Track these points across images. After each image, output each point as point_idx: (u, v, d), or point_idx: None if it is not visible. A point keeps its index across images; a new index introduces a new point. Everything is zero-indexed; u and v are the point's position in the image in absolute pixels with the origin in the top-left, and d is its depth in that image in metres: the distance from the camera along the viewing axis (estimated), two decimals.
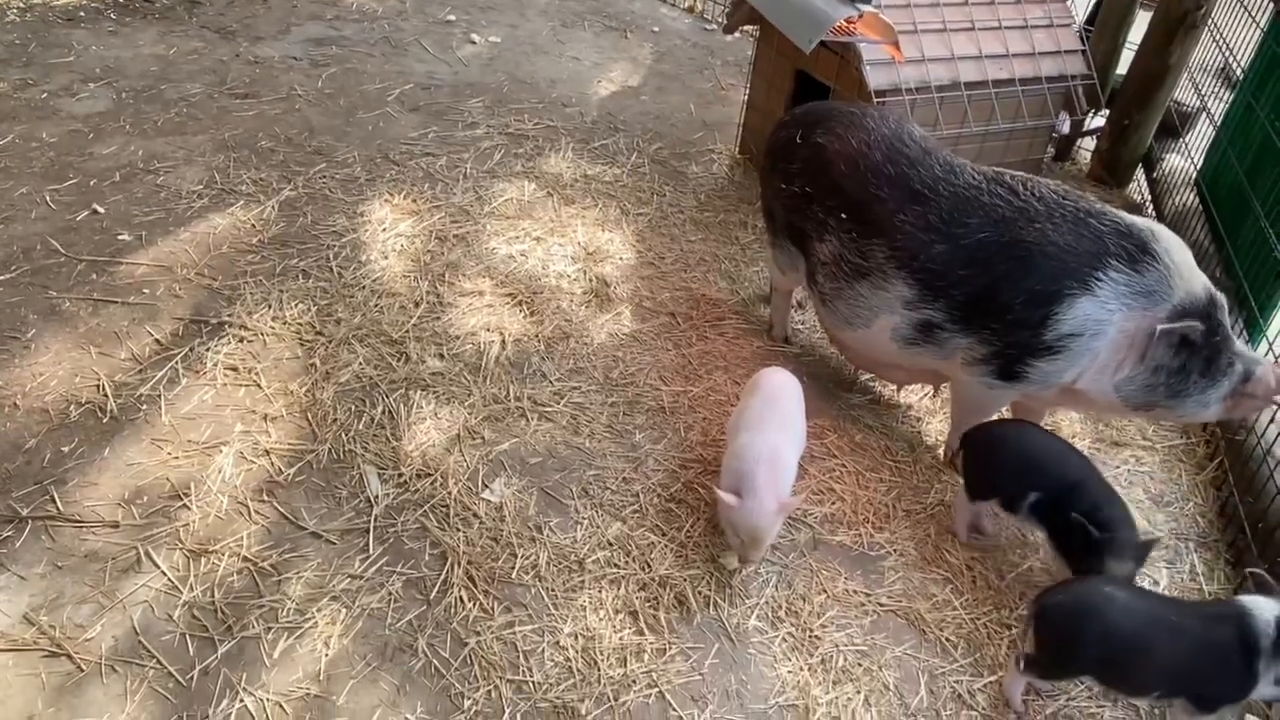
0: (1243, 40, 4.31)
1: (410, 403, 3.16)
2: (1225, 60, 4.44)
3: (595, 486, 2.95)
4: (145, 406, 3.04)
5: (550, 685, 2.39)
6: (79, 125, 4.46)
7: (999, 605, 2.74)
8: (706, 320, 3.71)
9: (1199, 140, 4.73)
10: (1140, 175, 5.06)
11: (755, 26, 4.61)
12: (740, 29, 4.64)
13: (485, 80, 5.41)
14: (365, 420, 3.08)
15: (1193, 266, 2.66)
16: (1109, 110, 5.09)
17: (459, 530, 2.76)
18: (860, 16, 3.72)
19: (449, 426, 3.09)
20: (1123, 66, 5.13)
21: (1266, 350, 3.21)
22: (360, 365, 3.28)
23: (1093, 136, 5.25)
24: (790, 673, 2.50)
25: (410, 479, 2.90)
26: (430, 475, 2.91)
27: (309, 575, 2.59)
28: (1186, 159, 4.68)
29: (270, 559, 2.62)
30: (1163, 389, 2.69)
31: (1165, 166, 4.85)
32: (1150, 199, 4.84)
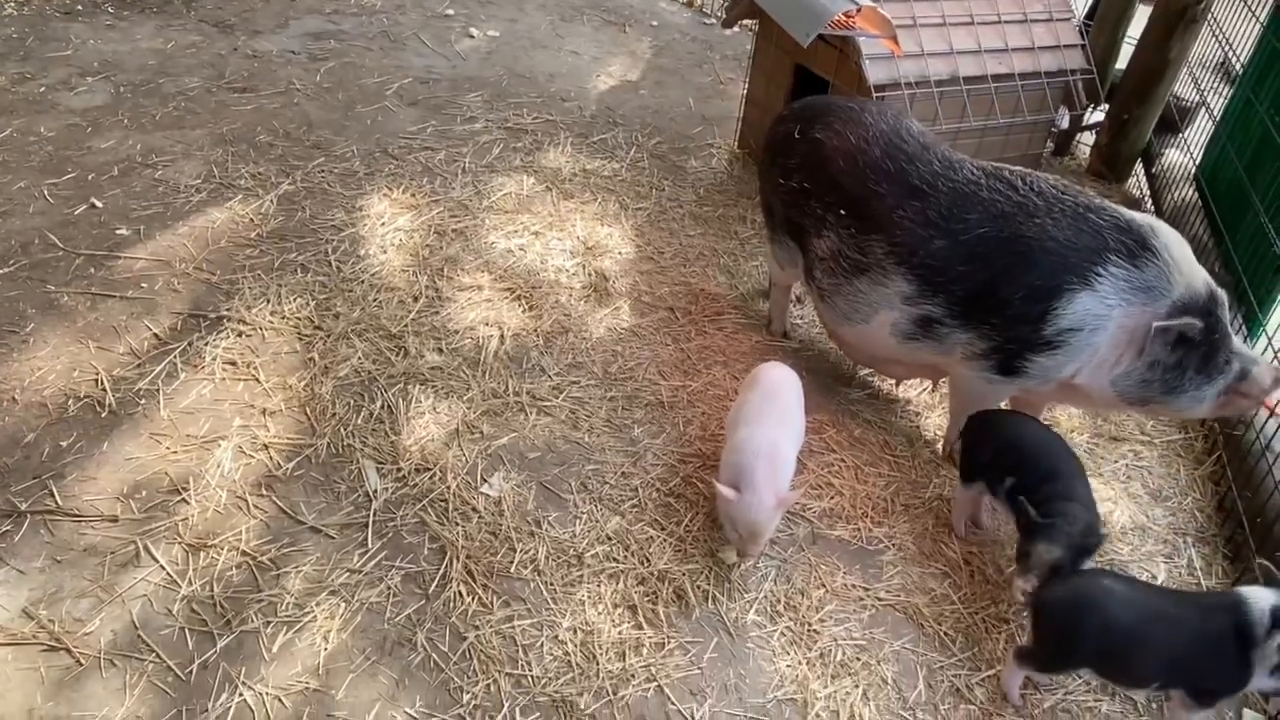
0: (1242, 35, 4.30)
1: (409, 397, 3.16)
2: (1225, 55, 4.43)
3: (594, 481, 2.95)
4: (144, 401, 3.04)
5: (549, 679, 2.40)
6: (77, 119, 4.46)
7: (997, 600, 2.75)
8: (705, 315, 3.71)
9: (1198, 135, 4.72)
10: (1139, 170, 5.06)
11: (754, 21, 4.60)
12: (739, 23, 4.64)
13: (484, 74, 5.40)
14: (364, 415, 3.08)
15: (1192, 262, 2.66)
16: (1108, 105, 5.09)
17: (458, 525, 2.76)
18: (859, 10, 3.71)
19: (448, 421, 3.09)
20: (1122, 61, 5.12)
21: (1266, 345, 3.21)
22: (359, 360, 3.28)
23: (1092, 131, 5.25)
24: (789, 667, 2.51)
25: (409, 473, 2.90)
26: (429, 470, 2.91)
27: (308, 569, 2.59)
28: (1186, 154, 4.68)
29: (269, 553, 2.62)
30: (1158, 384, 2.69)
31: (1164, 161, 4.85)
32: (1149, 194, 4.84)
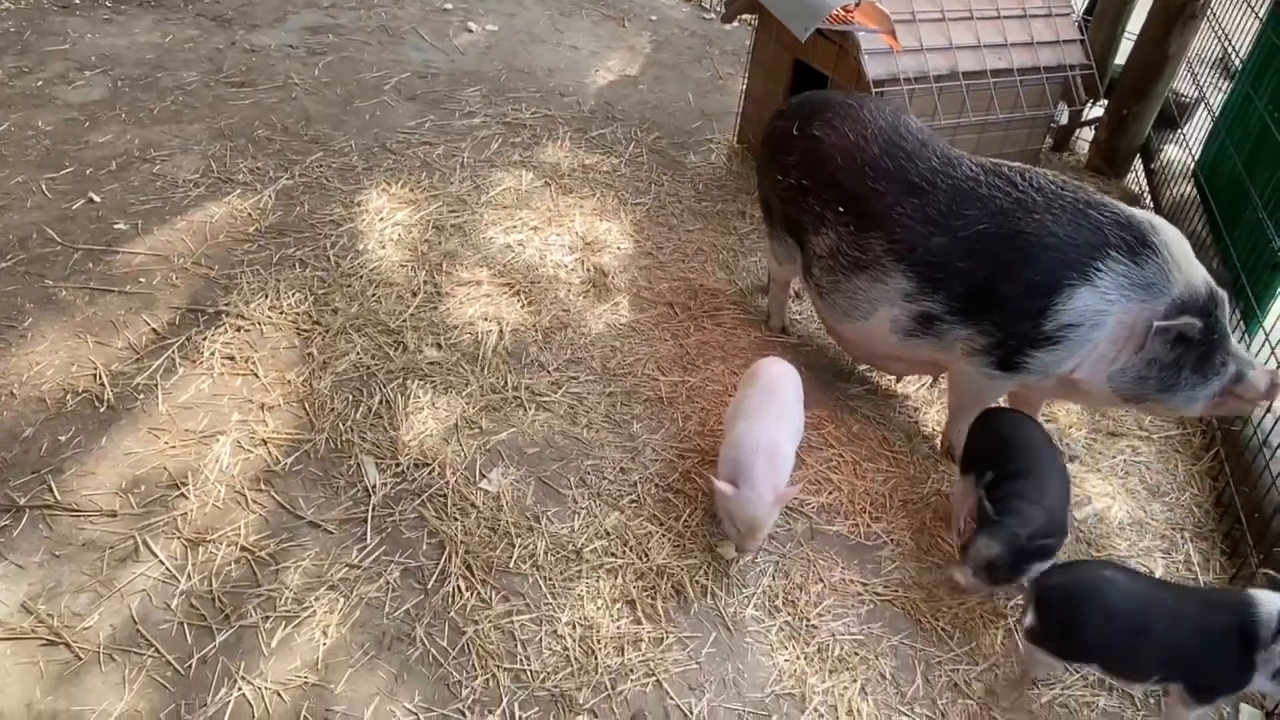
0: (1241, 30, 4.30)
1: (408, 392, 3.16)
2: (1224, 50, 4.43)
3: (593, 476, 2.96)
4: (142, 396, 3.04)
5: (548, 674, 2.40)
6: (75, 114, 4.45)
7: (994, 595, 2.75)
8: (704, 310, 3.71)
9: (1197, 131, 4.72)
10: (1138, 166, 5.06)
11: (753, 15, 4.60)
12: (738, 18, 4.63)
13: (483, 69, 5.39)
14: (363, 410, 3.08)
15: (1192, 260, 2.66)
16: (1107, 100, 5.09)
17: (456, 520, 2.76)
18: (857, 5, 3.71)
19: (446, 416, 3.09)
20: (1121, 56, 5.12)
21: (1263, 341, 3.21)
22: (357, 355, 3.28)
23: (1091, 127, 5.25)
24: (787, 661, 2.51)
25: (408, 468, 2.90)
26: (428, 465, 2.92)
27: (307, 564, 2.59)
28: (1184, 150, 4.68)
29: (268, 548, 2.62)
30: (1153, 382, 2.69)
31: (1163, 157, 4.85)
32: (1148, 190, 4.84)
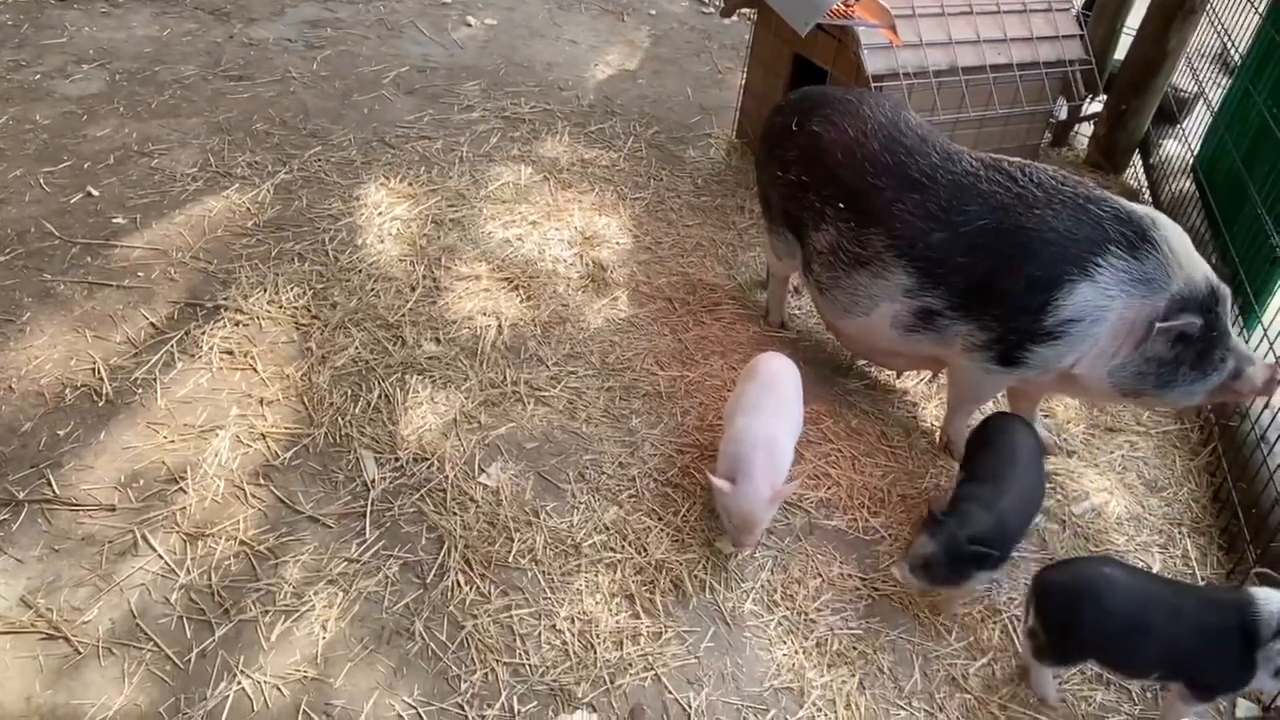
0: (1241, 26, 4.30)
1: (407, 387, 3.15)
2: (1223, 46, 4.43)
3: (592, 471, 2.96)
4: (141, 390, 3.04)
5: (547, 668, 2.41)
6: (72, 107, 4.44)
7: (990, 589, 2.76)
8: (703, 305, 3.71)
9: (1196, 126, 4.72)
10: (1137, 161, 5.05)
11: (753, 10, 4.59)
12: (738, 12, 4.62)
13: (481, 63, 5.38)
14: (361, 404, 3.08)
15: (1193, 255, 2.66)
16: (1106, 96, 5.08)
17: (456, 514, 2.76)
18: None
19: (445, 411, 3.09)
20: (1120, 52, 5.11)
21: (1262, 337, 3.21)
22: (356, 349, 3.28)
23: (1090, 122, 5.24)
24: (786, 656, 2.52)
25: (407, 463, 2.90)
26: (427, 459, 2.92)
27: (306, 559, 2.60)
28: (1183, 145, 4.68)
29: (267, 542, 2.62)
30: (1153, 378, 2.70)
31: (1162, 153, 4.84)
32: (1147, 185, 4.84)
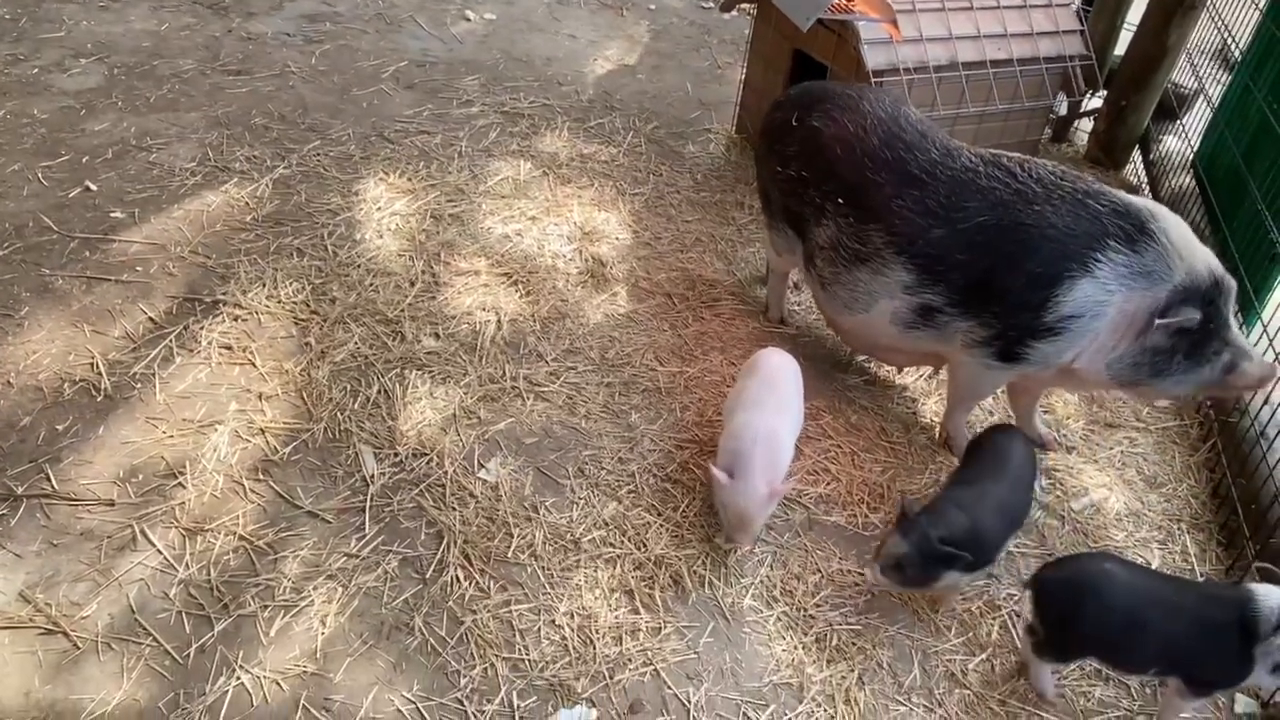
0: (1241, 22, 4.29)
1: (406, 382, 3.15)
2: (1223, 42, 4.42)
3: (591, 466, 2.96)
4: (139, 385, 3.04)
5: (546, 663, 2.41)
6: (70, 101, 4.43)
7: (989, 586, 2.76)
8: (702, 301, 3.71)
9: (1196, 122, 4.72)
10: (1137, 157, 5.05)
11: (752, 4, 4.58)
12: (738, 7, 4.60)
13: (480, 58, 5.37)
14: (361, 399, 3.07)
15: (1194, 246, 2.64)
16: (1106, 91, 5.08)
17: (455, 509, 2.76)
18: None
19: (445, 406, 3.09)
20: (1121, 47, 5.11)
21: (1261, 333, 3.21)
22: (355, 344, 3.27)
23: (1090, 118, 5.24)
24: (785, 651, 2.52)
25: (406, 458, 2.90)
26: (426, 455, 2.92)
27: (305, 554, 2.60)
28: (1183, 141, 4.68)
29: (266, 537, 2.62)
30: (1147, 368, 2.71)
31: (1162, 148, 4.84)
32: (1147, 181, 4.84)
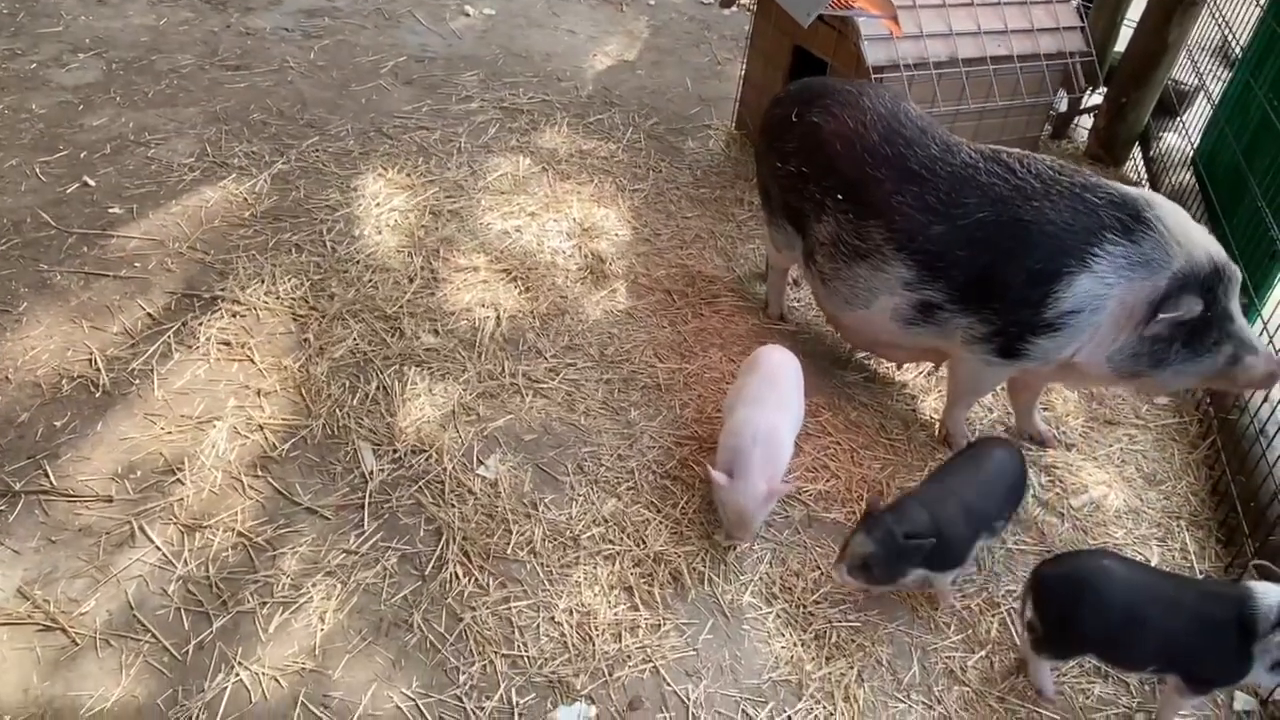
0: (1241, 18, 4.28)
1: (405, 378, 3.15)
2: (1224, 38, 4.41)
3: (590, 463, 2.95)
4: (138, 381, 3.03)
5: (545, 660, 2.41)
6: (69, 96, 4.41)
7: (989, 583, 2.76)
8: (702, 297, 3.70)
9: (1196, 119, 4.71)
10: (1137, 154, 5.04)
11: (752, 0, 4.57)
12: (737, 3, 4.60)
13: (479, 53, 5.35)
14: (359, 396, 3.07)
15: (1193, 233, 2.62)
16: (1107, 88, 5.07)
17: (454, 506, 2.76)
18: None
19: (444, 402, 3.09)
20: (1121, 44, 5.10)
21: (1261, 330, 3.21)
22: (354, 341, 3.27)
23: (1090, 114, 5.23)
24: (784, 648, 2.52)
25: (405, 455, 2.89)
26: (425, 451, 2.91)
27: (304, 550, 2.59)
28: (1184, 138, 4.67)
29: (265, 534, 2.62)
30: (1146, 358, 2.70)
31: (1162, 145, 4.84)
32: (1147, 178, 4.83)
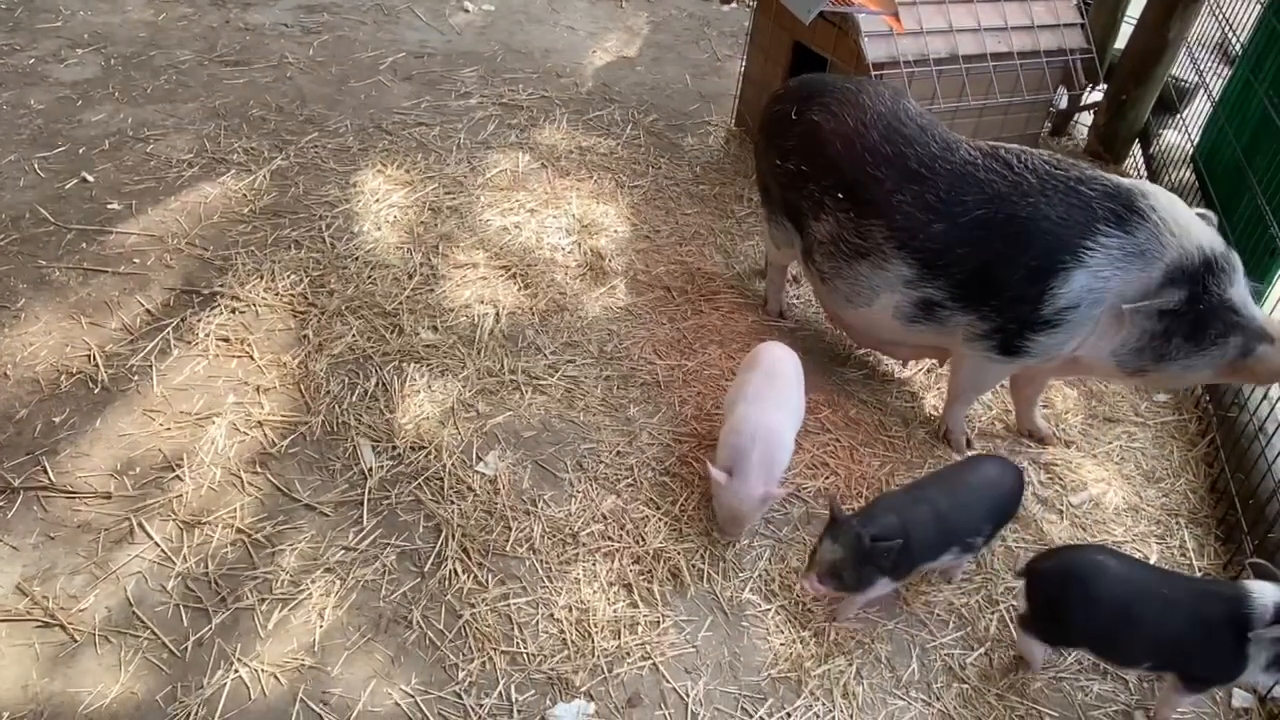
0: (1242, 16, 4.28)
1: (404, 375, 3.14)
2: (1224, 35, 4.41)
3: (589, 460, 2.95)
4: (137, 377, 3.03)
5: (544, 657, 2.41)
6: (67, 92, 4.40)
7: (988, 581, 2.76)
8: (701, 294, 3.70)
9: (1196, 116, 4.71)
10: (1137, 151, 5.04)
11: None
12: None
13: (479, 49, 5.34)
14: (359, 392, 3.07)
15: (1188, 222, 2.61)
16: (1107, 85, 5.07)
17: (453, 503, 2.76)
18: None
19: (443, 399, 3.08)
20: (1121, 41, 5.10)
21: None
22: (353, 337, 3.26)
23: (1090, 112, 5.23)
24: (783, 645, 2.52)
25: (404, 451, 2.89)
26: (424, 448, 2.91)
27: (303, 547, 2.59)
28: (1184, 135, 4.67)
29: (264, 530, 2.62)
30: (1149, 352, 2.69)
31: (1162, 142, 4.83)
32: (1146, 175, 4.83)
